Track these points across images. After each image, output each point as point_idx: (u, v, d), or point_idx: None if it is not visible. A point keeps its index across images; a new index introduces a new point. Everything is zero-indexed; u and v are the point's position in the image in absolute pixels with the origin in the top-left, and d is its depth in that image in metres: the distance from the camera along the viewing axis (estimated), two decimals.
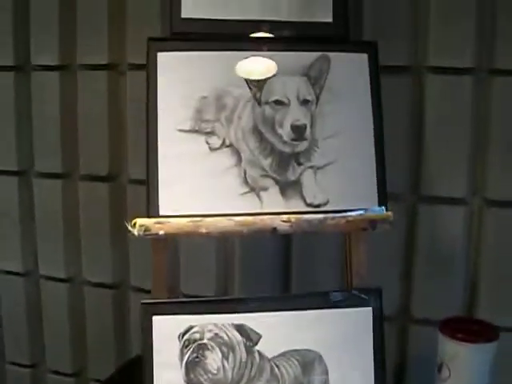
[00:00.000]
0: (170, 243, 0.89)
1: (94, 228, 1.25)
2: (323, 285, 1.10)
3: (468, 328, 0.94)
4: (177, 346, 0.85)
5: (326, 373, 0.88)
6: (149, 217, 0.84)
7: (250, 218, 0.84)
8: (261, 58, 0.89)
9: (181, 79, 0.87)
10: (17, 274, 1.35)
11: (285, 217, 0.85)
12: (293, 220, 0.85)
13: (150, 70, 0.86)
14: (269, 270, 1.19)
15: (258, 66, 0.88)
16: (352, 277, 0.90)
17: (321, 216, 0.86)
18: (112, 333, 1.28)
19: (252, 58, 0.89)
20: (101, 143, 1.22)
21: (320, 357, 0.88)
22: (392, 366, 1.16)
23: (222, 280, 1.22)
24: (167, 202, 0.86)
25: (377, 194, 0.90)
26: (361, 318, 0.88)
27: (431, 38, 1.06)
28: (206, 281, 1.21)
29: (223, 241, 1.19)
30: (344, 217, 0.86)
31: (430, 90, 1.08)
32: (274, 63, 0.89)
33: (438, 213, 1.10)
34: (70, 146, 1.25)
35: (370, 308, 0.88)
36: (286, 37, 0.91)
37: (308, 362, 0.88)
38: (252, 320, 0.86)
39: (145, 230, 0.83)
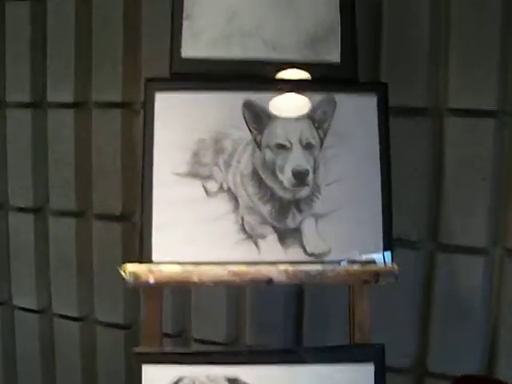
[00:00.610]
0: (162, 290, 0.85)
1: (106, 267, 1.23)
2: (337, 337, 1.05)
3: None
4: None
5: None
6: (141, 262, 0.81)
7: (244, 268, 0.81)
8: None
9: (179, 121, 0.85)
10: (31, 310, 1.33)
11: (282, 267, 0.81)
12: (290, 271, 0.81)
13: (147, 110, 0.85)
14: (281, 318, 1.15)
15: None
16: (354, 331, 0.84)
17: (320, 267, 0.81)
18: (123, 374, 1.25)
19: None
20: (114, 182, 1.20)
21: None
22: None
23: (233, 327, 1.18)
24: (160, 247, 0.83)
25: (382, 244, 0.84)
26: (362, 374, 0.83)
27: (451, 78, 1.01)
28: (217, 327, 1.18)
29: (234, 288, 1.14)
30: (345, 269, 0.81)
31: (450, 133, 1.03)
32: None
33: (457, 262, 1.05)
34: (84, 184, 1.23)
35: (372, 364, 0.82)
36: (291, 79, 0.87)
37: None
38: (246, 373, 0.81)
39: (134, 277, 0.80)
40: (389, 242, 0.84)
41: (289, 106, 0.86)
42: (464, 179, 1.03)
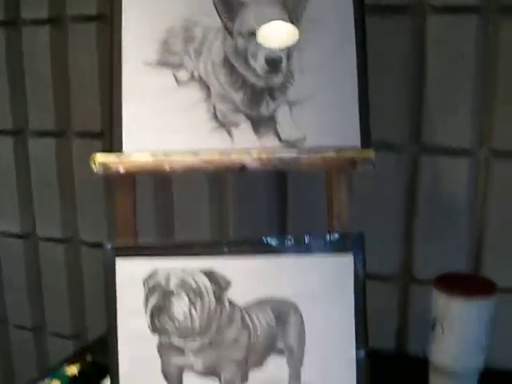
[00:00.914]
0: (134, 182, 0.83)
1: (88, 187, 1.21)
2: (322, 228, 1.03)
3: (463, 284, 0.88)
4: (141, 291, 0.79)
5: (302, 323, 0.81)
6: (111, 152, 0.79)
7: (216, 155, 0.79)
8: None
9: (147, 10, 0.82)
10: (16, 235, 1.32)
11: (255, 154, 0.79)
12: (263, 157, 0.78)
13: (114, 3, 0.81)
14: (264, 211, 1.13)
15: None
16: (333, 221, 0.82)
17: (295, 154, 0.79)
18: None
19: None
20: (93, 99, 1.17)
21: (295, 306, 0.81)
22: (394, 327, 1.09)
23: (217, 224, 1.17)
24: (131, 138, 0.81)
25: (359, 133, 0.81)
26: (340, 265, 0.81)
27: None
28: (200, 225, 1.17)
29: (217, 184, 1.14)
30: (320, 155, 0.79)
31: (432, 31, 0.99)
32: None
33: (441, 164, 1.03)
34: (62, 103, 1.22)
35: (351, 255, 0.81)
36: None
37: (282, 311, 0.81)
38: (222, 265, 0.80)
39: (104, 168, 0.78)
40: (366, 130, 0.82)
41: None
42: (447, 78, 1.00)
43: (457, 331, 0.88)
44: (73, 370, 0.98)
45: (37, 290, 1.34)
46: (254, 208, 1.13)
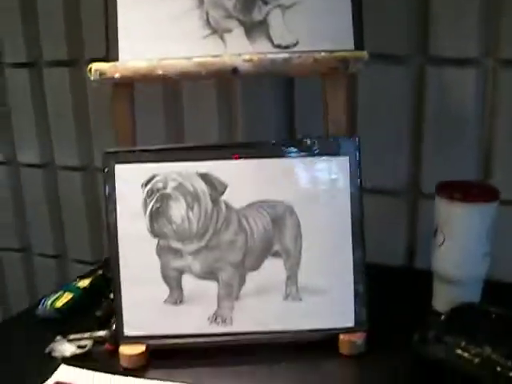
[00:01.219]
0: (132, 89, 0.85)
1: (102, 114, 1.23)
2: None
3: (466, 190, 0.87)
4: (140, 195, 0.82)
5: (298, 225, 0.82)
6: (107, 61, 0.80)
7: (209, 59, 0.80)
8: None
9: None
10: (35, 166, 1.35)
11: (247, 56, 0.79)
12: (255, 59, 0.79)
13: None
14: (272, 113, 1.14)
15: None
16: (328, 126, 0.83)
17: (286, 55, 0.79)
18: None
19: None
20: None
21: (291, 209, 0.82)
22: (402, 243, 1.09)
23: (225, 127, 1.17)
24: (126, 46, 0.82)
25: (353, 36, 0.81)
26: (336, 168, 0.82)
27: None
28: (209, 129, 1.18)
29: (224, 88, 1.14)
30: (311, 55, 0.79)
31: None
32: None
33: (448, 75, 1.01)
34: (75, 32, 1.25)
35: (347, 158, 0.81)
36: None
37: (278, 213, 0.82)
38: (218, 168, 0.81)
39: (100, 74, 0.79)
40: (359, 32, 0.81)
41: None
42: None
43: (458, 238, 0.88)
44: (84, 282, 1.02)
45: (57, 218, 1.37)
46: (262, 116, 1.14)
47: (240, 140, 1.16)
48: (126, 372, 0.80)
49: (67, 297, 0.98)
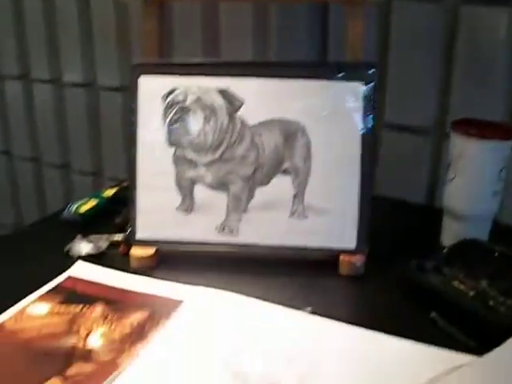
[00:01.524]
0: (161, 8, 0.87)
1: None
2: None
3: (481, 128, 0.88)
4: (160, 107, 0.85)
5: (309, 146, 0.85)
6: None
7: None
8: None
9: None
10: (79, 85, 1.40)
11: None
12: None
13: None
14: (305, 41, 1.14)
15: None
16: (347, 51, 0.84)
17: None
18: None
19: None
20: None
21: (303, 129, 0.84)
22: (425, 181, 1.12)
23: (260, 43, 1.19)
24: None
25: None
26: (352, 92, 0.83)
27: None
28: (244, 45, 1.20)
29: (261, 8, 1.16)
30: None
31: None
32: None
33: (481, 16, 1.01)
34: None
35: (363, 82, 0.83)
36: None
37: (290, 132, 0.85)
38: (236, 85, 0.84)
39: None
40: None
41: None
42: None
43: (469, 174, 0.89)
44: (110, 192, 1.07)
45: (97, 137, 1.43)
46: (295, 38, 1.15)
47: (272, 58, 1.18)
48: (136, 272, 0.85)
49: (91, 203, 1.03)
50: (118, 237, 0.92)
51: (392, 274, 0.83)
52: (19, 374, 0.65)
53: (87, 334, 0.71)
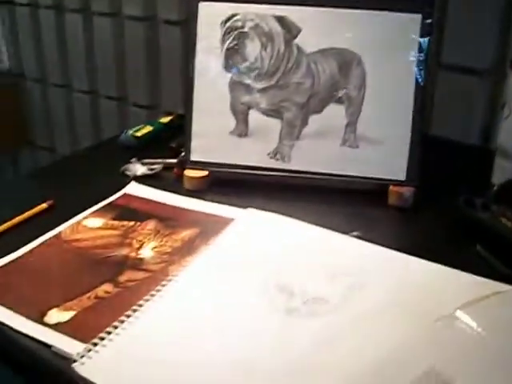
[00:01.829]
0: None
1: None
2: None
3: None
4: (219, 32, 0.87)
5: (364, 75, 0.85)
6: None
7: None
8: None
9: None
10: (139, 18, 1.42)
11: None
12: None
13: None
14: None
15: None
16: None
17: None
18: None
19: None
20: None
21: (359, 58, 0.85)
22: (481, 123, 1.10)
23: None
24: None
25: None
26: (409, 24, 0.83)
27: None
28: None
29: None
30: None
31: None
32: None
33: None
34: None
35: (420, 15, 0.83)
36: None
37: (346, 62, 0.86)
38: (294, 13, 0.85)
39: None
40: None
41: None
42: None
43: None
44: (166, 119, 1.10)
45: (155, 71, 1.45)
46: None
47: None
48: (188, 194, 0.87)
49: (148, 129, 1.06)
50: (173, 160, 0.94)
51: (440, 208, 0.84)
52: (74, 278, 0.68)
53: (139, 246, 0.73)
